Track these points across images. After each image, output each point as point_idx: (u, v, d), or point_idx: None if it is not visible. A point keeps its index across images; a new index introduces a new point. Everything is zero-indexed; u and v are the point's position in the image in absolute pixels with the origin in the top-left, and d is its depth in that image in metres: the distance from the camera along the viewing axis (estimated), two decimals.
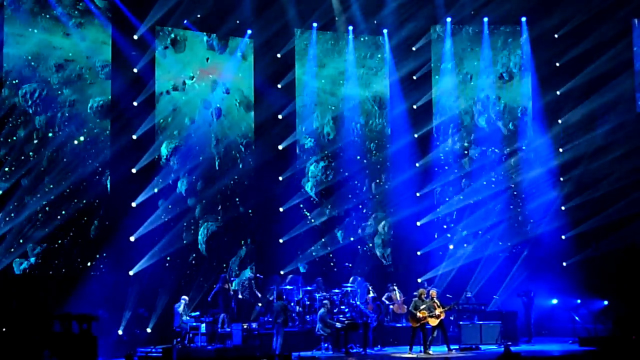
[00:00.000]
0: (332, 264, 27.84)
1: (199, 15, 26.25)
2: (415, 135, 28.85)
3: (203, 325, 22.57)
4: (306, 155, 27.95)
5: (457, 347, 23.11)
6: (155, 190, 25.14)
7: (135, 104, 25.11)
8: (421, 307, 22.30)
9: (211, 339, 22.79)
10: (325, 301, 23.28)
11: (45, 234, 23.13)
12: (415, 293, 22.95)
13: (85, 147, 24.04)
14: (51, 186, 23.35)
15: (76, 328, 19.15)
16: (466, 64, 29.16)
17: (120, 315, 23.29)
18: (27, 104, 23.25)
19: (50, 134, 23.49)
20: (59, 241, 23.39)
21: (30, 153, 23.20)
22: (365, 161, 28.62)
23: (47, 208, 23.25)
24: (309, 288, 25.13)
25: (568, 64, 28.36)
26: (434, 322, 22.44)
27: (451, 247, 28.36)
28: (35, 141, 23.28)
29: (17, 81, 23.18)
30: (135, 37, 25.21)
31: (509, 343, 22.53)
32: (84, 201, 23.89)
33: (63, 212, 23.48)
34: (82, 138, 24.01)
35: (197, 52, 26.58)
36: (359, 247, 28.24)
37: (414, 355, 21.77)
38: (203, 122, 26.42)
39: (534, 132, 28.95)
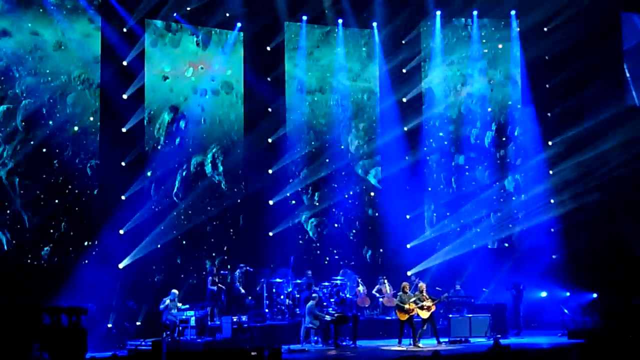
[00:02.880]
0: (319, 254, 27.93)
1: (188, 9, 26.18)
2: (405, 129, 28.86)
3: (193, 318, 22.61)
4: (295, 148, 27.93)
5: (446, 339, 23.18)
6: (145, 183, 25.15)
7: (124, 96, 25.07)
8: (409, 300, 22.42)
9: (201, 332, 22.81)
10: (314, 294, 23.34)
11: (34, 226, 23.08)
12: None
13: (75, 140, 23.98)
14: (40, 178, 23.29)
15: (65, 321, 19.12)
16: (455, 57, 29.16)
17: (109, 308, 23.26)
18: (15, 95, 23.16)
19: (38, 127, 23.40)
20: (49, 234, 23.33)
21: (19, 145, 23.12)
22: (354, 154, 28.61)
23: (36, 200, 23.19)
24: (298, 281, 25.18)
25: (557, 58, 28.39)
26: (424, 314, 22.51)
27: (448, 245, 28.45)
28: (24, 133, 23.19)
29: (4, 73, 23.10)
30: (125, 29, 25.16)
31: (498, 336, 22.68)
32: (74, 194, 23.84)
33: (52, 205, 23.42)
34: (71, 131, 23.94)
35: (187, 45, 26.51)
36: (349, 238, 28.27)
37: (404, 348, 21.84)
38: (193, 115, 26.37)
39: (523, 125, 28.99)
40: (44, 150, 23.47)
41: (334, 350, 21.87)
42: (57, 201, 23.56)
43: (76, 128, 24.04)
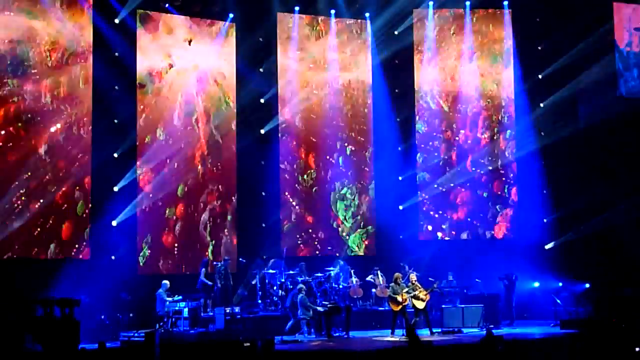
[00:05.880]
0: (315, 248, 27.95)
1: None
2: (398, 120, 28.88)
3: (186, 309, 22.62)
4: (288, 139, 27.92)
5: (439, 330, 23.23)
6: (138, 173, 25.14)
7: (116, 88, 25.04)
8: (402, 291, 22.48)
9: (194, 323, 22.81)
10: (300, 285, 23.34)
11: (27, 218, 23.02)
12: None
13: (67, 132, 23.91)
14: (32, 170, 23.21)
15: (58, 313, 19.13)
16: (448, 47, 29.12)
17: (102, 299, 23.21)
18: (6, 88, 23.07)
19: (30, 119, 23.31)
20: (41, 226, 23.27)
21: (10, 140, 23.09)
22: (348, 144, 28.58)
23: (28, 192, 23.12)
24: (291, 272, 25.19)
25: (550, 48, 28.39)
26: (420, 304, 22.55)
27: (440, 235, 28.43)
28: (17, 125, 23.09)
29: None
30: (117, 21, 25.11)
31: (491, 326, 22.67)
32: (66, 185, 23.78)
33: (45, 197, 23.36)
34: (63, 122, 23.86)
35: (179, 36, 26.46)
36: (342, 231, 28.28)
37: (396, 339, 21.86)
38: (184, 106, 26.33)
39: (516, 115, 29.00)
40: (36, 142, 23.36)
41: (327, 341, 21.88)
42: (49, 193, 23.47)
43: (68, 119, 23.95)
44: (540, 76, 28.76)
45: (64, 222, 23.71)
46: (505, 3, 28.80)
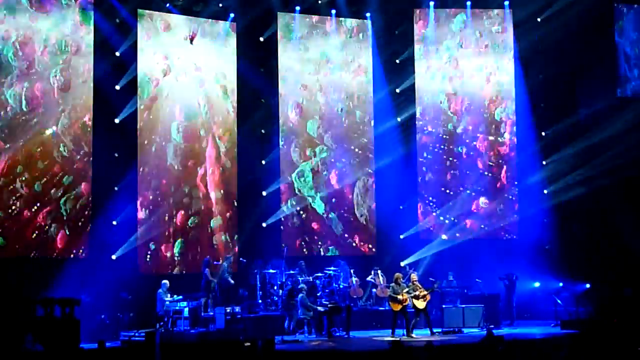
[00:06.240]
0: (315, 247, 27.94)
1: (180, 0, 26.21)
2: (399, 119, 28.87)
3: (186, 309, 22.62)
4: (289, 139, 27.90)
5: (439, 330, 23.24)
6: (140, 171, 25.14)
7: (117, 88, 25.03)
8: (402, 291, 22.47)
9: (194, 323, 22.81)
10: (301, 285, 23.36)
11: (27, 218, 23.00)
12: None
13: (67, 131, 23.89)
14: (32, 169, 23.20)
15: (59, 312, 19.14)
16: (449, 47, 29.08)
17: (102, 299, 23.22)
18: (6, 87, 23.03)
19: (31, 118, 23.29)
20: (42, 225, 23.25)
21: (14, 135, 23.05)
22: (349, 145, 28.55)
23: (29, 192, 23.09)
24: (291, 272, 25.18)
25: (550, 48, 28.38)
26: (421, 304, 22.53)
27: (444, 237, 28.33)
28: (17, 125, 23.08)
29: None
30: (117, 20, 25.10)
31: (492, 326, 22.67)
32: (66, 185, 23.76)
33: (45, 196, 23.35)
34: (64, 122, 23.84)
35: (180, 36, 26.43)
36: (342, 231, 28.26)
37: (397, 339, 21.83)
38: (185, 106, 26.30)
39: (517, 116, 28.97)
40: (36, 142, 23.34)
41: (327, 341, 21.89)
42: (50, 192, 23.46)
43: (69, 119, 23.93)
44: (540, 76, 28.75)
45: (64, 222, 23.67)
46: (506, 3, 28.78)
